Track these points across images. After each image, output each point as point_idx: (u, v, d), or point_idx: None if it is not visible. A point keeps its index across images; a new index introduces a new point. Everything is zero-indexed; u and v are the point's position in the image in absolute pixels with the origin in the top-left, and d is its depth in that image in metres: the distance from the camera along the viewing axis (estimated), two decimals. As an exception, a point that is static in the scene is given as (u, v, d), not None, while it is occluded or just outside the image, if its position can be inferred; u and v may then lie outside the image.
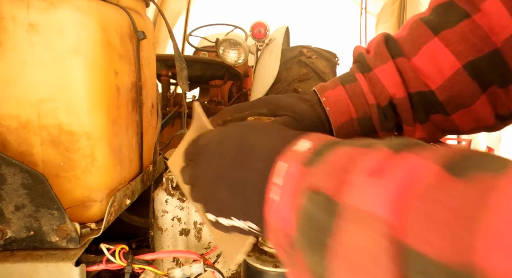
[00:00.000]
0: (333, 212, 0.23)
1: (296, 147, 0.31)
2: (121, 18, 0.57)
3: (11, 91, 0.47)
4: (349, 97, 0.56)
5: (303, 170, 0.28)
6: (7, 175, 0.44)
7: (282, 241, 0.29)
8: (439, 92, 0.52)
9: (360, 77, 0.56)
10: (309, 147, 0.30)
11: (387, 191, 0.21)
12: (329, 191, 0.25)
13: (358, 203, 0.22)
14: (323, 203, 0.25)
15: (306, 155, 0.29)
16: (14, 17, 0.45)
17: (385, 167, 0.23)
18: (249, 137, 0.35)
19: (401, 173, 0.21)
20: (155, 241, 0.58)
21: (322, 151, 0.29)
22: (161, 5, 3.56)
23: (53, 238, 0.47)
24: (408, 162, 0.22)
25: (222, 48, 2.22)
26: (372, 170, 0.23)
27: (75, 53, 0.47)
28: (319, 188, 0.26)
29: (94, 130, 0.50)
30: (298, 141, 0.31)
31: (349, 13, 4.13)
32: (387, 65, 0.54)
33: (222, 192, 0.35)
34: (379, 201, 0.21)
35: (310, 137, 0.32)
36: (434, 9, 0.54)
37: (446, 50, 0.50)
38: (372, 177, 0.22)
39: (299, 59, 2.34)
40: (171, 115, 2.05)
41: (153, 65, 0.73)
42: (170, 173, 0.58)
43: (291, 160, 0.30)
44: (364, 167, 0.24)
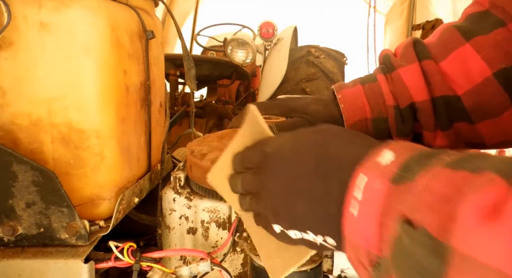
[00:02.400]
0: (441, 257, 0.21)
1: (379, 158, 0.28)
2: (131, 17, 0.58)
3: (22, 90, 0.47)
4: (366, 96, 0.55)
5: (390, 188, 0.26)
6: (19, 172, 0.45)
7: (363, 259, 0.28)
8: (466, 98, 0.50)
9: (381, 78, 0.55)
10: (392, 160, 0.27)
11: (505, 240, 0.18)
12: (432, 229, 0.22)
13: (472, 251, 0.19)
14: (425, 242, 0.22)
15: (391, 170, 0.27)
16: (25, 17, 0.46)
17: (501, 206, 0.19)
18: (331, 146, 0.33)
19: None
20: (163, 240, 0.58)
21: (411, 166, 0.26)
22: (169, 4, 3.58)
23: (63, 235, 0.47)
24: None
25: (230, 47, 2.23)
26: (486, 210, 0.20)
27: (85, 52, 0.48)
28: (418, 222, 0.23)
29: (104, 128, 0.50)
30: (381, 151, 0.29)
31: (358, 13, 4.11)
32: (412, 66, 0.52)
33: (299, 204, 0.32)
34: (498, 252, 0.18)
35: (392, 146, 0.29)
36: (467, 17, 0.53)
37: (477, 56, 0.49)
38: (487, 220, 0.19)
39: (307, 58, 2.33)
40: (179, 114, 2.06)
41: (161, 65, 0.73)
42: (178, 172, 0.59)
43: (373, 174, 0.28)
44: (474, 204, 0.20)
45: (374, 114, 0.55)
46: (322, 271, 0.48)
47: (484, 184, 0.21)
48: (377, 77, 0.56)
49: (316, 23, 3.96)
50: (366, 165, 0.29)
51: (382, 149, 0.29)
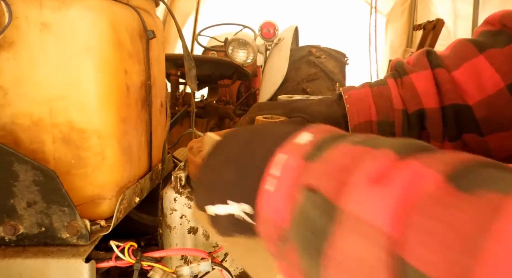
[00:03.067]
0: (331, 216, 0.23)
1: (297, 140, 0.30)
2: (131, 17, 0.58)
3: (23, 90, 0.47)
4: (373, 98, 0.55)
5: (303, 164, 0.28)
6: (20, 172, 0.45)
7: (272, 233, 0.29)
8: (477, 108, 0.50)
9: (391, 82, 0.55)
10: (310, 140, 0.29)
11: (387, 202, 0.20)
12: (327, 193, 0.24)
13: (358, 211, 0.21)
14: (321, 204, 0.24)
15: (306, 149, 0.29)
16: (27, 16, 0.46)
17: (388, 174, 0.22)
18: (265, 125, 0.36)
19: (403, 182, 0.21)
20: (164, 239, 0.58)
21: (323, 145, 0.28)
22: (170, 4, 3.58)
23: (64, 235, 0.47)
24: (411, 170, 0.21)
25: (231, 47, 2.23)
26: (374, 176, 0.22)
27: (86, 52, 0.48)
28: (317, 187, 0.25)
29: (104, 128, 0.50)
30: (300, 133, 0.31)
31: (359, 13, 4.11)
32: (425, 72, 0.53)
33: (228, 171, 0.34)
34: (380, 212, 0.20)
35: (312, 129, 0.31)
36: (481, 33, 0.53)
37: (491, 68, 0.49)
38: (374, 184, 0.22)
39: (308, 59, 2.33)
40: (180, 114, 2.06)
41: (162, 64, 0.73)
42: (179, 172, 0.59)
43: (290, 152, 0.29)
44: (366, 171, 0.23)
45: (380, 117, 0.55)
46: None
47: (377, 156, 0.23)
48: (387, 81, 0.56)
49: (317, 23, 3.96)
50: (285, 146, 0.30)
51: (301, 132, 0.31)
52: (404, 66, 0.56)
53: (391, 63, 0.60)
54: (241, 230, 0.35)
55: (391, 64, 0.61)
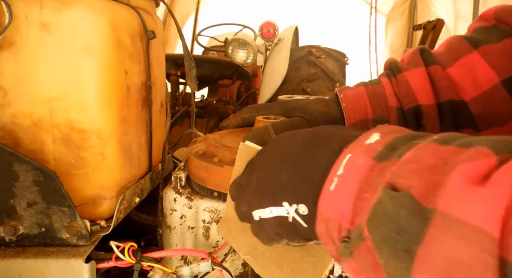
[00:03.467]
0: (424, 217, 0.21)
1: (367, 140, 0.29)
2: (132, 17, 0.58)
3: (23, 90, 0.47)
4: (368, 97, 0.56)
5: (372, 164, 0.26)
6: (20, 172, 0.45)
7: (333, 233, 0.28)
8: (473, 104, 0.51)
9: (385, 81, 0.56)
10: (378, 140, 0.28)
11: (495, 204, 0.19)
12: (416, 193, 0.22)
13: (458, 211, 0.20)
14: (409, 205, 0.22)
15: (376, 148, 0.27)
16: (27, 17, 0.46)
17: (490, 174, 0.20)
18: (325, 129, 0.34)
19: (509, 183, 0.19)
20: (164, 239, 0.58)
21: (397, 145, 0.27)
22: (170, 5, 3.58)
23: (64, 235, 0.47)
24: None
25: (231, 47, 2.23)
26: (475, 176, 0.20)
27: (87, 52, 0.48)
28: (402, 186, 0.23)
29: (105, 128, 0.50)
30: (370, 134, 0.29)
31: (359, 13, 4.11)
32: (418, 69, 0.53)
33: (283, 172, 0.33)
34: (486, 215, 0.19)
35: (381, 129, 0.30)
36: (475, 30, 0.53)
37: (485, 64, 0.49)
38: (476, 185, 0.20)
39: (308, 59, 2.33)
40: (180, 115, 2.06)
41: (162, 65, 0.73)
42: (179, 172, 0.59)
43: (356, 151, 0.28)
44: (463, 171, 0.21)
45: (376, 115, 0.55)
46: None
47: (473, 155, 0.21)
48: (381, 80, 0.57)
49: (317, 23, 3.96)
50: (353, 146, 0.29)
51: (372, 133, 0.30)
52: (398, 64, 0.56)
53: (386, 63, 0.61)
54: (291, 233, 0.34)
55: (385, 63, 0.61)
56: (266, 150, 0.37)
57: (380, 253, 0.24)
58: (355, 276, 0.28)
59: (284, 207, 0.32)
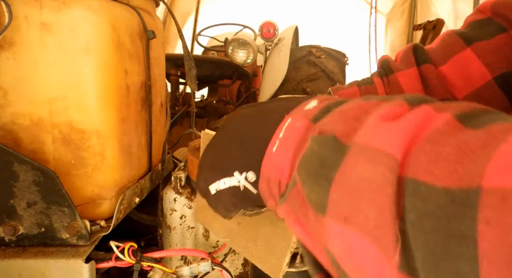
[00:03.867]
0: (342, 150, 0.24)
1: (305, 106, 0.31)
2: (132, 17, 0.58)
3: (23, 90, 0.47)
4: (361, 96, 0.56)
5: (308, 125, 0.29)
6: (20, 172, 0.45)
7: (274, 189, 0.30)
8: None
9: (377, 81, 0.57)
10: (315, 105, 0.30)
11: (399, 132, 0.22)
12: (338, 134, 0.25)
13: (370, 141, 0.23)
14: (331, 143, 0.25)
15: (312, 112, 0.30)
16: (27, 17, 0.46)
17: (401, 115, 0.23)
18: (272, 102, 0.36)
19: (415, 119, 0.22)
20: (164, 239, 0.58)
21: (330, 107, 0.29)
22: (170, 5, 3.58)
23: (64, 235, 0.47)
24: (423, 112, 0.23)
25: (231, 47, 2.23)
26: (387, 115, 0.23)
27: (87, 52, 0.48)
28: (327, 131, 0.26)
29: (104, 128, 0.50)
30: (309, 101, 0.32)
31: (359, 13, 4.11)
32: (410, 70, 0.54)
33: (234, 147, 0.35)
34: (391, 141, 0.22)
35: (319, 97, 0.32)
36: (469, 24, 0.54)
37: (478, 61, 0.50)
38: (387, 121, 0.23)
39: (308, 59, 2.33)
40: (180, 115, 2.06)
41: (162, 65, 0.73)
42: (179, 172, 0.59)
43: (296, 116, 0.31)
44: (379, 112, 0.24)
45: None
46: (322, 271, 0.48)
47: (390, 103, 0.25)
48: (373, 80, 0.57)
49: (317, 23, 3.96)
50: (293, 112, 0.32)
51: (310, 100, 0.32)
52: (391, 63, 0.57)
53: (379, 61, 0.61)
54: (244, 201, 0.36)
55: (378, 62, 0.62)
56: (221, 130, 0.39)
57: (305, 187, 0.26)
58: (286, 217, 0.30)
59: (235, 177, 0.34)
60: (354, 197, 0.23)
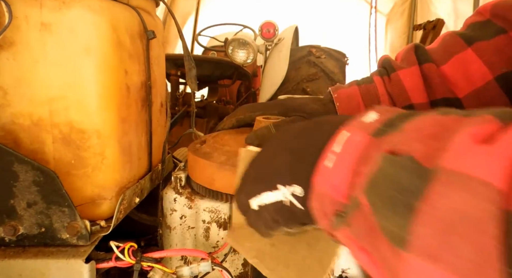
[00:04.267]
0: (425, 175, 0.22)
1: (363, 118, 0.29)
2: (132, 17, 0.58)
3: (23, 90, 0.47)
4: (361, 96, 0.56)
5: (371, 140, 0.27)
6: (20, 172, 0.45)
7: (327, 208, 0.28)
8: (466, 101, 0.51)
9: (378, 80, 0.56)
10: (376, 119, 0.28)
11: (499, 159, 0.19)
12: (418, 156, 0.22)
13: (463, 167, 0.20)
14: (410, 166, 0.22)
15: (374, 126, 0.27)
16: (27, 17, 0.46)
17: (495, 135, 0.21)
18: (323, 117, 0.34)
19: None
20: (164, 240, 0.58)
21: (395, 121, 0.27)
22: (171, 5, 3.58)
23: (64, 235, 0.47)
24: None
25: (231, 47, 2.23)
26: (480, 137, 0.21)
27: (87, 52, 0.48)
28: (402, 151, 0.23)
29: (104, 128, 0.50)
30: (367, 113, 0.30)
31: (359, 13, 4.10)
32: (412, 69, 0.54)
33: (279, 158, 0.33)
34: (490, 169, 0.19)
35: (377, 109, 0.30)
36: (469, 26, 0.54)
37: (479, 61, 0.50)
38: (481, 144, 0.20)
39: (308, 59, 2.33)
40: (180, 115, 2.06)
41: (162, 65, 0.73)
42: (179, 172, 0.59)
43: (355, 129, 0.28)
44: (468, 133, 0.21)
45: None
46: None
47: (478, 120, 0.22)
48: (373, 79, 0.57)
49: (317, 23, 3.96)
50: (350, 124, 0.29)
51: (368, 111, 0.30)
52: (392, 62, 0.57)
53: (379, 60, 0.61)
54: (288, 218, 0.33)
55: (379, 61, 0.61)
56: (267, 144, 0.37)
57: (378, 214, 0.24)
58: (349, 243, 0.28)
59: (280, 191, 0.32)
60: (445, 233, 0.20)
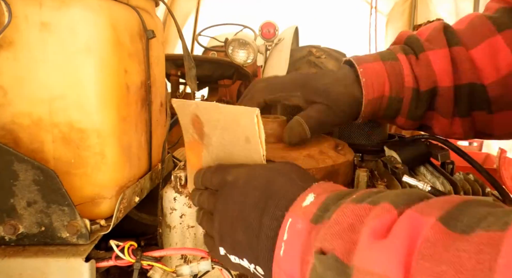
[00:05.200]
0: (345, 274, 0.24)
1: (304, 202, 0.32)
2: (131, 17, 0.58)
3: (23, 89, 0.47)
4: (387, 74, 0.54)
5: (310, 227, 0.29)
6: (19, 171, 0.45)
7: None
8: (491, 88, 0.51)
9: (403, 58, 0.55)
10: (312, 201, 0.31)
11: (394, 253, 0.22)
12: (338, 253, 0.25)
13: (370, 266, 0.23)
14: (333, 265, 0.25)
15: (311, 210, 0.30)
16: (26, 16, 0.46)
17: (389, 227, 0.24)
18: (275, 182, 0.36)
19: (404, 233, 0.23)
20: (163, 239, 0.58)
21: (328, 206, 0.30)
22: (170, 5, 3.58)
23: (64, 234, 0.47)
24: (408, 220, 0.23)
25: (231, 47, 2.23)
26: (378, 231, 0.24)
27: (86, 51, 0.48)
28: (328, 250, 0.26)
29: (104, 127, 0.50)
30: (306, 195, 0.33)
31: (359, 13, 4.11)
32: (442, 50, 0.52)
33: (239, 233, 0.36)
34: (389, 264, 0.22)
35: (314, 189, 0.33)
36: (498, 10, 0.53)
37: (507, 48, 0.50)
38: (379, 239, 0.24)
39: (308, 59, 2.33)
40: (180, 115, 2.06)
41: (162, 64, 0.73)
42: (179, 171, 0.59)
43: (295, 215, 0.31)
44: (370, 228, 0.25)
45: (392, 92, 0.55)
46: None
47: (379, 212, 0.25)
48: (398, 57, 0.55)
49: (317, 23, 3.96)
50: (292, 209, 0.32)
51: (307, 193, 0.33)
52: (421, 42, 0.55)
53: (401, 36, 0.59)
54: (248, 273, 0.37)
55: (400, 36, 0.59)
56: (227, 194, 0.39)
57: None
58: None
59: (245, 262, 0.36)
60: None
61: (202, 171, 0.45)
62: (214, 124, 0.44)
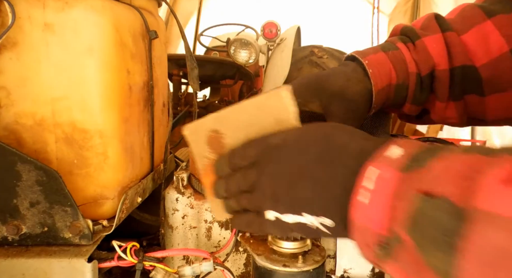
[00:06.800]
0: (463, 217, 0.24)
1: (388, 153, 0.31)
2: (134, 17, 0.58)
3: (26, 90, 0.48)
4: (392, 63, 0.56)
5: (401, 176, 0.29)
6: (23, 172, 0.45)
7: (370, 241, 0.30)
8: (483, 70, 0.53)
9: (402, 46, 0.57)
10: (402, 154, 0.30)
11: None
12: (454, 199, 0.25)
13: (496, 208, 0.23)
14: (448, 208, 0.25)
15: (401, 161, 0.30)
16: (30, 17, 0.46)
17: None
18: (336, 136, 0.35)
19: None
20: (166, 239, 0.58)
21: (421, 157, 0.29)
22: (173, 5, 3.59)
23: (66, 235, 0.47)
24: None
25: (233, 47, 2.23)
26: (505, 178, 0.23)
27: (89, 52, 0.48)
28: (438, 193, 0.26)
29: (107, 128, 0.50)
30: (388, 147, 0.31)
31: (361, 13, 4.10)
32: (436, 36, 0.55)
33: (301, 187, 0.34)
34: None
35: (399, 143, 0.32)
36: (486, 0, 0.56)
37: (497, 32, 0.52)
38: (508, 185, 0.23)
39: (310, 59, 2.33)
40: (182, 115, 2.06)
41: (164, 65, 0.73)
42: (181, 172, 0.59)
43: (384, 166, 0.30)
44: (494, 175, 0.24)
45: (399, 80, 0.56)
46: (324, 271, 0.48)
47: (501, 162, 0.24)
48: (397, 46, 0.57)
49: (319, 23, 3.96)
50: (375, 159, 0.31)
51: (390, 145, 0.32)
52: (416, 30, 0.57)
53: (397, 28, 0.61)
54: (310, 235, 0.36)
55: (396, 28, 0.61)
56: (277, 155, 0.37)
57: (423, 252, 0.26)
58: (397, 275, 0.30)
59: (306, 218, 0.34)
60: (492, 268, 0.22)
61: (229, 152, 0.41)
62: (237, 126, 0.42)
